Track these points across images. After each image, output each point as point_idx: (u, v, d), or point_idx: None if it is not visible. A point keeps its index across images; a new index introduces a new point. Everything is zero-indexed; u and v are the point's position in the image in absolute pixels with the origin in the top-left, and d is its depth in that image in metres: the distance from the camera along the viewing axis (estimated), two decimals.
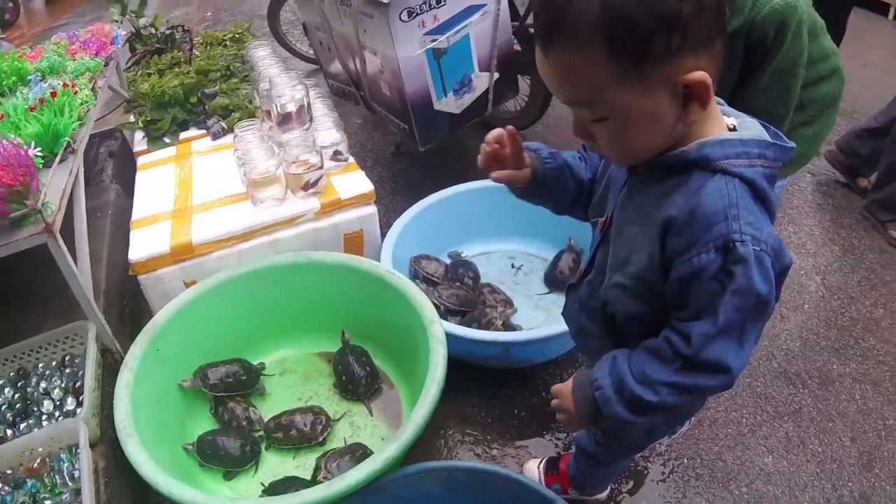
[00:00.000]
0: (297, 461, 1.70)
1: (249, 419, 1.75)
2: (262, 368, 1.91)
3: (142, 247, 1.79)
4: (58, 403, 1.56)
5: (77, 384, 1.57)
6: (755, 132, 0.87)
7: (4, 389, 1.61)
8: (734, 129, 0.88)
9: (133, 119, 2.38)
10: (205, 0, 5.71)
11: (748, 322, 0.84)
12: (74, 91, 1.81)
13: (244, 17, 4.78)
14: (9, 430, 1.52)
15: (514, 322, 2.07)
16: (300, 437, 1.69)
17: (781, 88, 1.53)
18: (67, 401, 1.55)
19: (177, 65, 2.65)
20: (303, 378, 1.93)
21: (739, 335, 0.85)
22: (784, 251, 0.85)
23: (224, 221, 1.89)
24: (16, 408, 1.56)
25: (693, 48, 0.76)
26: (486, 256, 2.42)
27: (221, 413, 1.75)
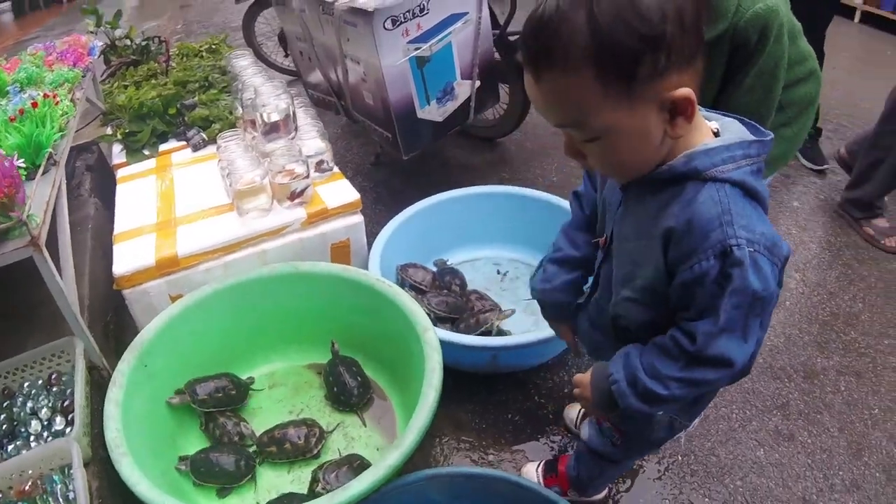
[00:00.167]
0: (292, 475, 1.67)
1: (241, 434, 1.72)
2: (251, 383, 1.88)
3: (126, 260, 1.76)
4: (46, 423, 1.51)
5: (66, 403, 1.53)
6: (737, 133, 0.91)
7: None
8: (717, 133, 0.92)
9: (111, 131, 2.33)
10: (175, 13, 5.65)
11: (749, 318, 0.89)
12: (56, 101, 1.77)
13: (216, 29, 4.75)
14: None
15: (504, 327, 2.07)
16: (294, 451, 1.67)
17: (764, 90, 1.56)
18: (56, 420, 1.50)
19: (153, 76, 2.61)
20: (293, 391, 1.90)
21: (742, 330, 0.90)
22: (779, 244, 0.89)
23: (210, 233, 1.87)
24: (2, 429, 1.51)
25: (678, 66, 0.80)
26: (472, 263, 2.43)
27: (212, 429, 1.71)
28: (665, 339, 0.97)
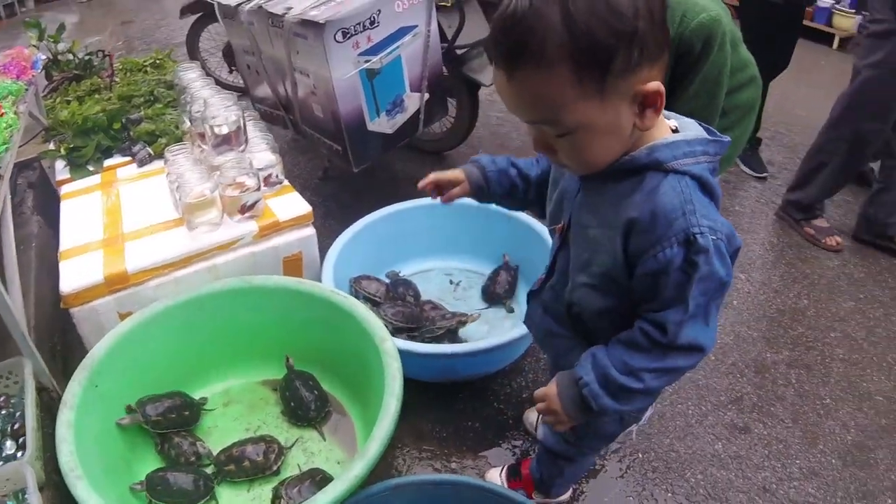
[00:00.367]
0: (253, 493, 1.63)
1: (198, 454, 1.66)
2: (204, 403, 1.83)
3: (73, 278, 1.69)
4: None
5: (16, 426, 1.45)
6: (695, 132, 0.94)
7: None
8: (676, 130, 0.94)
9: (54, 147, 2.25)
10: (117, 28, 5.51)
11: (711, 303, 0.92)
12: (0, 113, 1.70)
13: (159, 46, 4.65)
14: None
15: (460, 335, 2.07)
16: (253, 468, 1.63)
17: (709, 96, 1.62)
18: (6, 444, 1.43)
19: (97, 91, 2.54)
20: (249, 408, 1.86)
21: (705, 316, 0.92)
22: (735, 235, 0.92)
23: (159, 248, 1.81)
24: None
25: (649, 60, 0.82)
26: (424, 274, 2.43)
27: (168, 449, 1.66)
28: (632, 334, 0.98)
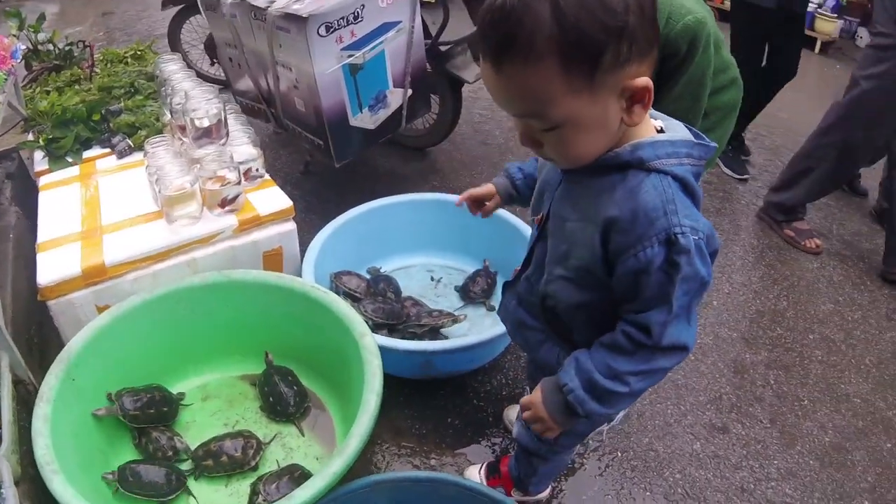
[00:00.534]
0: (230, 489, 1.61)
1: (175, 448, 1.64)
2: (182, 398, 1.81)
3: (51, 270, 1.66)
4: None
5: None
6: (681, 134, 0.94)
7: None
8: (661, 131, 0.94)
9: (32, 137, 2.22)
10: (98, 20, 5.43)
11: (692, 302, 0.92)
12: None
13: (140, 37, 4.59)
14: None
15: (441, 332, 2.07)
16: (231, 464, 1.61)
17: (692, 98, 1.63)
18: None
19: (76, 82, 2.50)
20: (227, 403, 1.84)
21: (687, 315, 0.93)
22: (715, 236, 0.92)
23: (138, 241, 1.79)
24: None
25: (638, 55, 0.81)
26: (406, 270, 2.42)
27: (145, 444, 1.63)
28: (615, 337, 0.97)
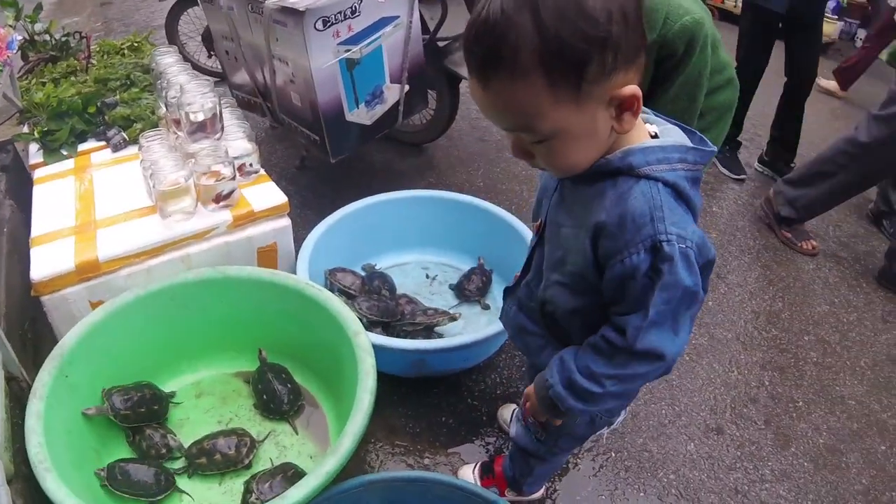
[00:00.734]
0: (224, 487, 1.61)
1: (169, 446, 1.63)
2: (172, 396, 1.80)
3: (44, 265, 1.64)
4: None
5: None
6: (676, 138, 0.93)
7: None
8: (656, 136, 0.94)
9: (27, 130, 2.20)
10: (95, 10, 5.40)
11: (679, 311, 0.91)
12: None
13: (138, 28, 4.56)
14: None
15: (436, 331, 2.06)
16: (225, 462, 1.60)
17: (689, 98, 1.63)
18: None
19: (73, 73, 2.47)
20: (221, 400, 1.83)
21: (672, 324, 0.91)
22: (708, 246, 0.92)
23: (132, 236, 1.77)
24: None
25: (624, 64, 0.80)
26: (401, 268, 2.41)
27: (139, 441, 1.63)
28: (597, 338, 0.98)
